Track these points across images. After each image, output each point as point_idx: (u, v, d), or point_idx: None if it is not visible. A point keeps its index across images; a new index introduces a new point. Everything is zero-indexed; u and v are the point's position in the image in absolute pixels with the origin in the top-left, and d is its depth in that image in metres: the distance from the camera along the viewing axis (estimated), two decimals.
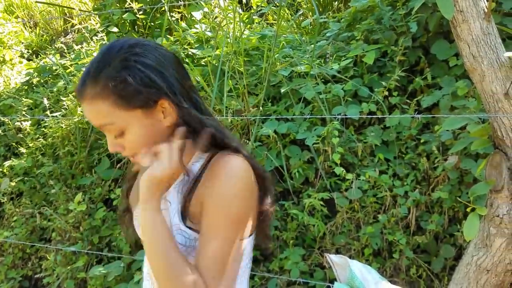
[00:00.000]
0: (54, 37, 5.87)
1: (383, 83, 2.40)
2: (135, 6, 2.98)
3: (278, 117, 2.50)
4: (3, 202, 2.86)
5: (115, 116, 0.87)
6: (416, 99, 2.33)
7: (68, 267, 2.42)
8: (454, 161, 2.08)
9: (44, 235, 2.75)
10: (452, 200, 2.08)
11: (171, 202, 0.95)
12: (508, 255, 1.41)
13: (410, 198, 2.14)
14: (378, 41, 2.62)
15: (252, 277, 2.23)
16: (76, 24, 5.41)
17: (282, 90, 2.61)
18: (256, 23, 3.96)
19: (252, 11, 4.11)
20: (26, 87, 3.78)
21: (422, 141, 2.24)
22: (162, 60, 0.89)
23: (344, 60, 2.64)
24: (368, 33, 2.70)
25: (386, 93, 2.39)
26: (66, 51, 4.54)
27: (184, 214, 0.92)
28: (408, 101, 2.38)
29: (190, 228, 0.91)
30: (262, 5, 4.06)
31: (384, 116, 2.29)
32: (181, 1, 3.28)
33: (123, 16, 3.42)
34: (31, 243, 2.63)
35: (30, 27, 6.06)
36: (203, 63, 2.99)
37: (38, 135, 3.09)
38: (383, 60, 2.57)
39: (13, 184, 2.89)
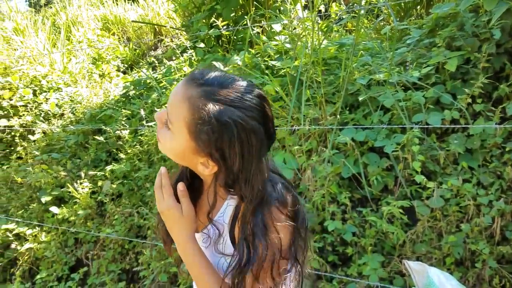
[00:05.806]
0: (145, 51, 6.36)
1: (467, 90, 2.35)
2: (220, 23, 3.18)
3: (355, 127, 2.54)
4: (106, 202, 3.20)
5: (179, 123, 0.93)
6: (501, 106, 2.26)
7: (162, 262, 2.66)
8: None
9: (141, 233, 3.04)
10: None
11: (212, 236, 1.07)
12: None
13: (494, 208, 2.08)
14: (460, 48, 2.56)
15: (330, 280, 2.30)
16: (164, 39, 5.85)
17: (360, 98, 2.64)
18: (335, 31, 4.02)
19: (331, 20, 4.17)
20: (124, 99, 4.18)
21: (507, 149, 2.17)
22: (240, 135, 0.89)
23: (425, 67, 2.62)
24: (450, 40, 2.65)
25: (470, 100, 2.34)
26: (157, 65, 4.94)
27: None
28: (493, 108, 2.32)
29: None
30: (341, 13, 4.11)
31: (466, 126, 2.25)
32: (262, 20, 3.44)
33: (209, 32, 3.67)
34: (130, 239, 2.92)
35: (124, 42, 6.62)
36: (282, 74, 3.12)
37: (135, 142, 3.42)
38: (466, 66, 2.52)
39: (114, 186, 3.23)
